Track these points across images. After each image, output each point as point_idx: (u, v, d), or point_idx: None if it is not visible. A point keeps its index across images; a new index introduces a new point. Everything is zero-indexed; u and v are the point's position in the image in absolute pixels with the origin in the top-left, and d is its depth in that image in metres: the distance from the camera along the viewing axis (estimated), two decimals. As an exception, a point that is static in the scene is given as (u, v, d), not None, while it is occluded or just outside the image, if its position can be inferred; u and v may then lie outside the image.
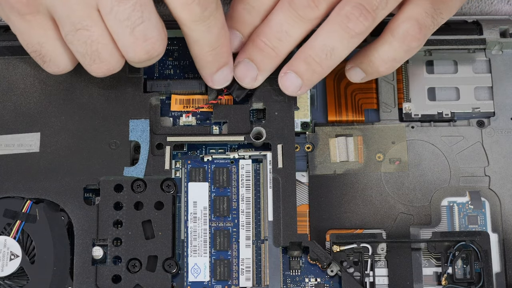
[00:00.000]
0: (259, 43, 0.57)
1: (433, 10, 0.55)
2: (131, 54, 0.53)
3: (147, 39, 0.52)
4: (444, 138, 0.62)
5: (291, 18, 0.55)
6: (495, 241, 0.60)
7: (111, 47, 0.53)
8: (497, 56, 0.64)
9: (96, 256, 0.58)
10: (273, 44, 0.57)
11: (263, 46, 0.57)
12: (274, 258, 0.59)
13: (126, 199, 0.59)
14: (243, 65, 0.58)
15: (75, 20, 0.51)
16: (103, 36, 0.52)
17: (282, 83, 0.58)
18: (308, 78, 0.57)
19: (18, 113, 0.61)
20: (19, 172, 0.59)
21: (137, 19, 0.51)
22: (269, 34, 0.56)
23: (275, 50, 0.57)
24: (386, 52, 0.56)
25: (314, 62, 0.56)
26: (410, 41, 0.55)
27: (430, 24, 0.55)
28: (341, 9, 0.54)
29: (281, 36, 0.56)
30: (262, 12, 0.57)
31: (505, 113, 0.63)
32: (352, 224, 0.61)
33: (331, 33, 0.55)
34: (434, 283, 0.60)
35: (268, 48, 0.57)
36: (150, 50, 0.52)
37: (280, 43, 0.56)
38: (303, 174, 0.62)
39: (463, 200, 0.61)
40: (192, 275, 0.59)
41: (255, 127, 0.61)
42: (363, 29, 0.54)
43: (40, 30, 0.53)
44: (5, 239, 0.58)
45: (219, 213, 0.60)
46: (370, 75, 0.59)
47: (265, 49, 0.57)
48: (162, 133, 0.61)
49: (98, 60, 0.53)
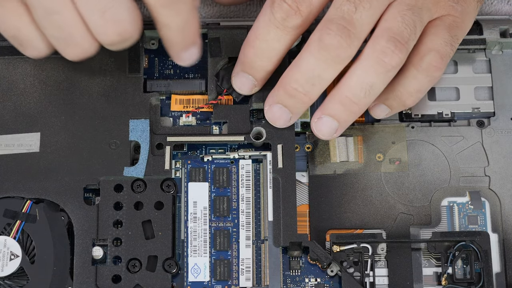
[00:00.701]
0: (290, 90, 0.55)
1: (450, 38, 0.55)
2: (103, 37, 0.53)
3: (118, 21, 0.52)
4: (444, 138, 0.62)
5: (323, 61, 0.54)
6: (495, 241, 0.60)
7: (83, 31, 0.53)
8: (497, 56, 0.64)
9: (96, 256, 0.58)
10: (306, 90, 0.55)
11: (296, 93, 0.55)
12: (274, 258, 0.59)
13: (126, 199, 0.59)
14: (276, 109, 0.57)
15: (46, 5, 0.52)
16: (74, 20, 0.52)
17: (317, 129, 0.57)
18: (345, 120, 0.56)
19: (18, 113, 0.61)
20: (19, 172, 0.59)
21: (108, 3, 0.51)
22: (301, 80, 0.55)
23: (308, 95, 0.55)
24: (411, 86, 0.56)
25: (351, 103, 0.55)
26: (433, 72, 0.55)
27: (450, 52, 0.56)
28: (375, 44, 0.53)
29: (314, 81, 0.54)
30: (274, 58, 0.56)
31: (505, 113, 0.63)
32: (352, 224, 0.61)
33: (368, 69, 0.54)
34: (434, 283, 0.60)
35: (301, 94, 0.55)
36: (122, 33, 0.52)
37: (313, 88, 0.55)
38: (303, 174, 0.62)
39: (463, 200, 0.61)
40: (192, 275, 0.59)
41: (255, 127, 0.61)
42: (399, 61, 0.54)
43: (15, 15, 0.53)
44: (5, 239, 0.58)
45: (219, 213, 0.60)
46: (395, 109, 0.59)
47: (298, 95, 0.55)
48: (162, 133, 0.61)
49: (71, 44, 0.54)
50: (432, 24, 0.56)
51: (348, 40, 0.53)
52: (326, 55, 0.53)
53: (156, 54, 0.64)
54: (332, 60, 0.53)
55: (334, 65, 0.54)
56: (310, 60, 0.54)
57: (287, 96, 0.56)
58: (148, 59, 0.64)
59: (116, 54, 0.61)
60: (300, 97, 0.56)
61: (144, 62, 0.64)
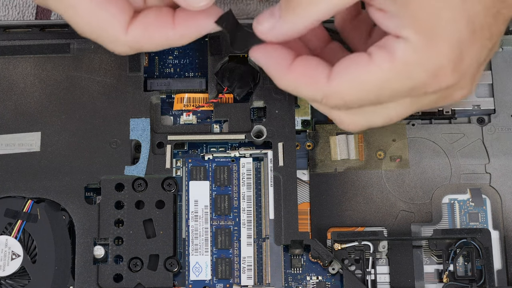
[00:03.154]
0: None
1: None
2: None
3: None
4: (444, 136, 0.62)
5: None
6: (496, 238, 0.60)
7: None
8: (497, 53, 0.64)
9: (98, 255, 0.58)
10: None
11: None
12: (276, 257, 0.59)
13: (127, 198, 0.59)
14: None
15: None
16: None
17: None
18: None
19: (18, 113, 0.60)
20: (20, 172, 0.59)
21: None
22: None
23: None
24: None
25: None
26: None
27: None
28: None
29: None
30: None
31: (506, 110, 0.63)
32: (353, 222, 0.61)
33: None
34: (436, 280, 0.60)
35: None
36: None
37: None
38: (304, 172, 0.62)
39: (464, 197, 0.61)
40: (194, 273, 0.59)
41: (255, 125, 0.61)
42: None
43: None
44: (6, 239, 0.58)
45: (220, 211, 0.60)
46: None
47: None
48: (162, 132, 0.61)
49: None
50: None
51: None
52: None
53: (156, 53, 0.64)
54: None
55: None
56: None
57: None
58: (148, 58, 0.64)
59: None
60: None
61: (145, 61, 0.64)
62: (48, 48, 0.62)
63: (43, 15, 0.67)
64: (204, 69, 0.63)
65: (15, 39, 0.62)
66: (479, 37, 0.47)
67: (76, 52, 0.62)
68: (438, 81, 0.48)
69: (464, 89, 0.50)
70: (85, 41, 0.62)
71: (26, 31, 0.62)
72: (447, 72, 0.47)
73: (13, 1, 0.67)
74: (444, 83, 0.48)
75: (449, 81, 0.48)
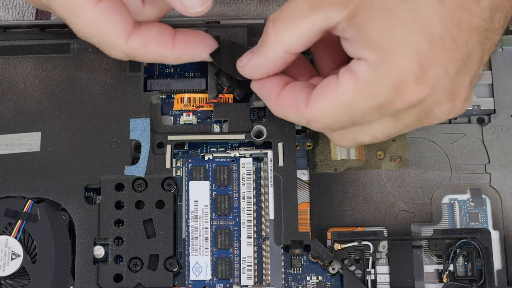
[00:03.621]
0: None
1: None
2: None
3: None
4: (444, 136, 0.62)
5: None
6: (496, 238, 0.60)
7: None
8: (497, 53, 0.64)
9: (98, 255, 0.58)
10: None
11: None
12: (276, 257, 0.59)
13: (127, 198, 0.59)
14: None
15: None
16: None
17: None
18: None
19: (18, 113, 0.60)
20: (20, 172, 0.59)
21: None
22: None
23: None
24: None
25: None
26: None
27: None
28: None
29: None
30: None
31: (506, 110, 0.63)
32: (353, 222, 0.61)
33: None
34: (436, 280, 0.60)
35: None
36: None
37: None
38: (304, 172, 0.62)
39: (464, 197, 0.61)
40: (194, 273, 0.59)
41: (255, 125, 0.61)
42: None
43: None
44: (6, 239, 0.58)
45: (220, 211, 0.60)
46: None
47: None
48: (162, 132, 0.61)
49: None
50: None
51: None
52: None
53: (156, 53, 0.64)
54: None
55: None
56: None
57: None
58: (148, 58, 0.64)
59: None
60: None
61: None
62: (48, 48, 0.62)
63: (43, 15, 0.67)
64: (204, 69, 0.63)
65: (15, 39, 0.62)
66: (441, 48, 0.48)
67: (76, 52, 0.62)
68: (403, 96, 0.49)
69: (443, 104, 0.50)
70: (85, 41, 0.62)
71: (26, 31, 0.62)
72: (409, 85, 0.48)
73: (13, 1, 0.67)
74: (410, 97, 0.49)
75: (415, 94, 0.48)
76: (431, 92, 0.49)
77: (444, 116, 0.51)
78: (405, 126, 0.52)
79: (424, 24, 0.47)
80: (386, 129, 0.52)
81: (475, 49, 0.49)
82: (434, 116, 0.51)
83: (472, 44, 0.48)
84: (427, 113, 0.50)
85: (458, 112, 0.51)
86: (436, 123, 0.52)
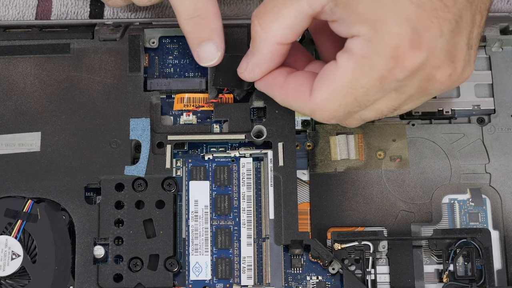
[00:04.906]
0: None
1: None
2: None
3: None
4: (444, 136, 0.62)
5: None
6: (496, 238, 0.60)
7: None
8: (497, 53, 0.64)
9: (98, 255, 0.58)
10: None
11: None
12: (276, 256, 0.59)
13: (127, 198, 0.59)
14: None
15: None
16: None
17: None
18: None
19: (18, 113, 0.61)
20: (20, 172, 0.59)
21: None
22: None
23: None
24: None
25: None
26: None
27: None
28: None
29: None
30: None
31: (506, 110, 0.63)
32: (353, 222, 0.61)
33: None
34: (436, 280, 0.60)
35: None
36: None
37: None
38: (304, 172, 0.62)
39: (464, 197, 0.62)
40: (194, 273, 0.59)
41: (255, 125, 0.61)
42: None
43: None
44: (6, 239, 0.58)
45: (220, 211, 0.60)
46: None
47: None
48: (162, 132, 0.61)
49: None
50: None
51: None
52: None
53: (156, 53, 0.64)
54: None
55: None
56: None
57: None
58: (148, 58, 0.64)
59: (117, 53, 0.61)
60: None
61: (144, 61, 0.64)
62: (48, 48, 0.62)
63: (43, 15, 0.67)
64: (204, 69, 0.63)
65: (15, 39, 0.62)
66: (430, 10, 0.48)
67: (76, 52, 0.62)
68: (402, 62, 0.49)
69: (443, 67, 0.50)
70: (85, 41, 0.62)
71: (26, 31, 0.62)
72: (406, 50, 0.48)
73: (13, 1, 0.67)
74: (409, 62, 0.49)
75: (413, 58, 0.49)
76: (428, 54, 0.49)
77: (446, 79, 0.51)
78: (409, 96, 0.52)
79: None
80: (390, 102, 0.52)
81: (464, 9, 0.49)
82: (436, 81, 0.51)
83: (460, 3, 0.49)
84: (429, 78, 0.50)
85: (461, 76, 0.51)
86: (440, 88, 0.51)
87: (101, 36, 0.62)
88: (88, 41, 0.62)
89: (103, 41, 0.62)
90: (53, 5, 0.67)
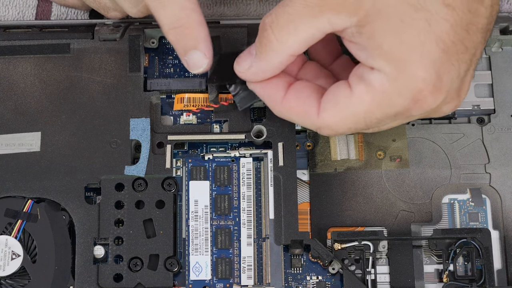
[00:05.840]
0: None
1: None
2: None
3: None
4: (444, 136, 0.62)
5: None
6: (496, 238, 0.60)
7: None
8: (497, 54, 0.64)
9: (98, 255, 0.58)
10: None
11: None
12: (276, 256, 0.59)
13: (127, 198, 0.59)
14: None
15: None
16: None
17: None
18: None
19: (18, 113, 0.61)
20: (20, 172, 0.59)
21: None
22: None
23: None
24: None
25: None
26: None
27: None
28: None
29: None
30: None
31: (505, 110, 0.63)
32: (353, 221, 0.61)
33: None
34: (436, 280, 0.60)
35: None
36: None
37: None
38: (304, 172, 0.62)
39: (464, 197, 0.62)
40: (194, 273, 0.59)
41: (255, 125, 0.61)
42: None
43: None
44: (6, 239, 0.58)
45: (220, 211, 0.60)
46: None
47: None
48: (162, 131, 0.61)
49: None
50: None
51: None
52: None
53: (156, 53, 0.64)
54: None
55: None
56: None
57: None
58: (148, 58, 0.64)
59: (117, 53, 0.61)
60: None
61: (144, 61, 0.64)
62: (48, 48, 0.62)
63: (43, 15, 0.67)
64: (204, 69, 0.63)
65: (15, 39, 0.62)
66: (453, 53, 0.48)
67: (76, 52, 0.62)
68: (421, 105, 0.50)
69: (451, 103, 0.52)
70: (85, 41, 0.62)
71: (26, 31, 0.62)
72: (427, 94, 0.49)
73: (13, 1, 0.67)
74: (427, 105, 0.50)
75: (432, 102, 0.50)
76: (446, 96, 0.50)
77: (450, 111, 0.52)
78: (411, 120, 0.53)
79: (436, 33, 0.47)
80: (394, 124, 0.53)
81: (480, 46, 0.50)
82: (442, 112, 0.52)
83: (477, 42, 0.49)
84: (436, 111, 0.51)
85: (458, 105, 0.53)
86: (440, 115, 0.53)
87: (101, 36, 0.62)
88: (88, 41, 0.62)
89: (103, 41, 0.62)
90: (53, 5, 0.67)
